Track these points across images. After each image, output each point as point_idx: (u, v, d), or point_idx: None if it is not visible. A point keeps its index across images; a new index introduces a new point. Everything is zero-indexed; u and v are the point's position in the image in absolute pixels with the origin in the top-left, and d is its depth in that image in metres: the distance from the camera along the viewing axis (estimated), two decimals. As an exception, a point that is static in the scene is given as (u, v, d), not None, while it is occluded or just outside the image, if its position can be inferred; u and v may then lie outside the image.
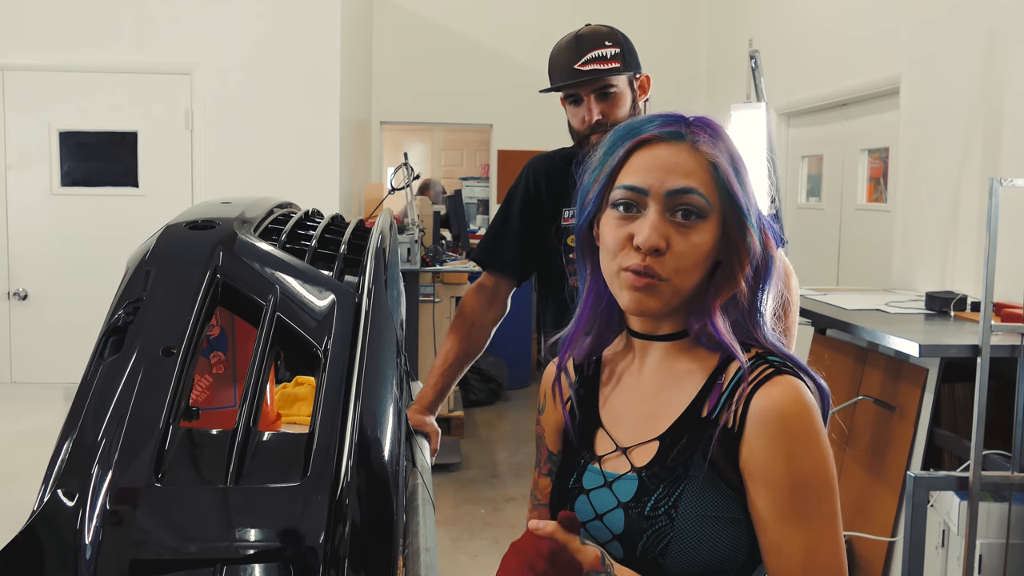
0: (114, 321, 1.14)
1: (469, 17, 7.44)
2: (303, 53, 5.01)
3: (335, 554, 0.94)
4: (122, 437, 0.99)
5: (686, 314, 1.11)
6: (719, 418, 1.06)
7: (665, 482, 1.07)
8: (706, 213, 1.07)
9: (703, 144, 1.08)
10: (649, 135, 1.10)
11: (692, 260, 1.07)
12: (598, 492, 1.12)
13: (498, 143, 7.68)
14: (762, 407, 1.04)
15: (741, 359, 1.06)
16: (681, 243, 1.06)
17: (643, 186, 1.08)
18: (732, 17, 6.83)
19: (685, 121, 1.11)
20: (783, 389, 1.04)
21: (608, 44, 2.08)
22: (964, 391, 3.08)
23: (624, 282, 1.08)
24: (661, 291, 1.07)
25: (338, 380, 1.10)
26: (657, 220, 1.06)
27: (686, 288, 1.08)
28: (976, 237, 3.56)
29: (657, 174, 1.07)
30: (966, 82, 3.68)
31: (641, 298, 1.07)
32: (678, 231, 1.06)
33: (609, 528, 1.09)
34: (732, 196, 1.07)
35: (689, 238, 1.06)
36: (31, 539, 0.94)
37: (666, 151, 1.08)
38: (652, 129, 1.10)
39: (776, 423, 1.03)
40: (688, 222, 1.06)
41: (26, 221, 4.87)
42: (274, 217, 1.56)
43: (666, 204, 1.07)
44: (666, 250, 1.06)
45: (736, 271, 1.09)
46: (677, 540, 1.04)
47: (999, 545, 2.73)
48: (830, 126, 5.20)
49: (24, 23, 4.77)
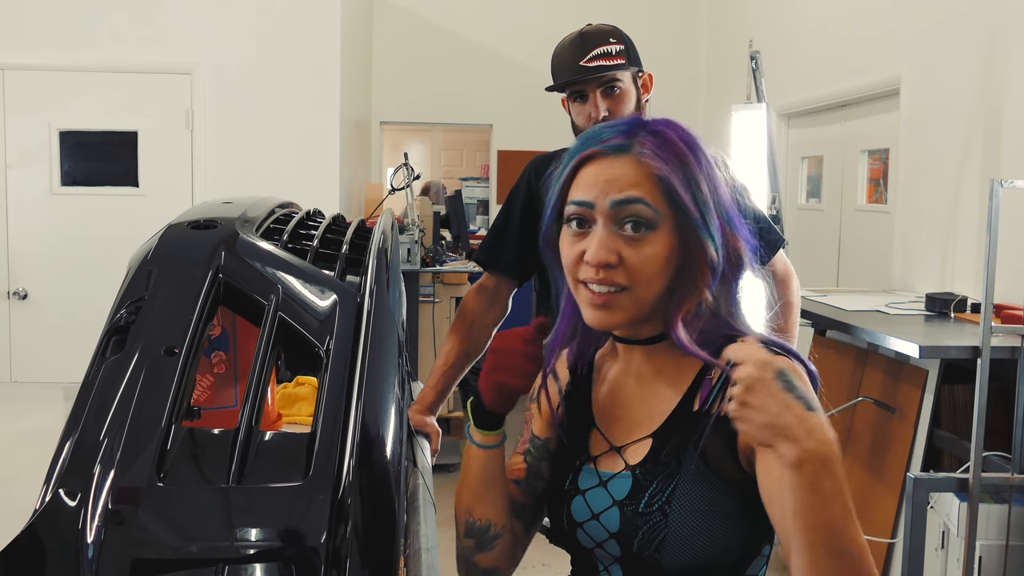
0: (116, 321, 1.14)
1: (469, 17, 7.44)
2: (303, 53, 5.01)
3: (337, 554, 0.94)
4: (124, 437, 0.99)
5: (659, 319, 1.11)
6: (711, 409, 1.06)
7: (659, 478, 1.07)
8: (655, 223, 1.06)
9: (646, 156, 1.07)
10: (592, 151, 1.09)
11: (648, 271, 1.06)
12: (593, 492, 1.12)
13: (498, 143, 7.68)
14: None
15: (716, 363, 1.05)
16: (633, 256, 1.05)
17: (588, 199, 1.07)
18: (732, 18, 6.84)
19: (633, 131, 1.10)
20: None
21: (612, 41, 2.08)
22: (964, 392, 3.08)
23: (584, 298, 1.09)
24: (622, 304, 1.07)
25: (340, 380, 1.10)
26: (605, 235, 1.06)
27: (648, 297, 1.07)
28: (976, 238, 3.56)
29: (601, 187, 1.07)
30: (966, 83, 3.69)
31: (602, 315, 1.08)
32: (629, 244, 1.06)
33: (605, 527, 1.10)
34: (681, 205, 1.06)
35: (641, 250, 1.05)
36: (33, 538, 0.94)
37: (609, 165, 1.08)
38: (595, 144, 1.09)
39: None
40: (638, 234, 1.05)
41: (26, 220, 4.87)
42: (276, 217, 1.56)
43: (612, 216, 1.06)
44: (618, 264, 1.05)
45: (697, 280, 1.08)
46: (672, 535, 1.04)
47: (999, 547, 2.73)
48: (830, 127, 5.21)
49: (25, 23, 4.77)
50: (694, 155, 1.09)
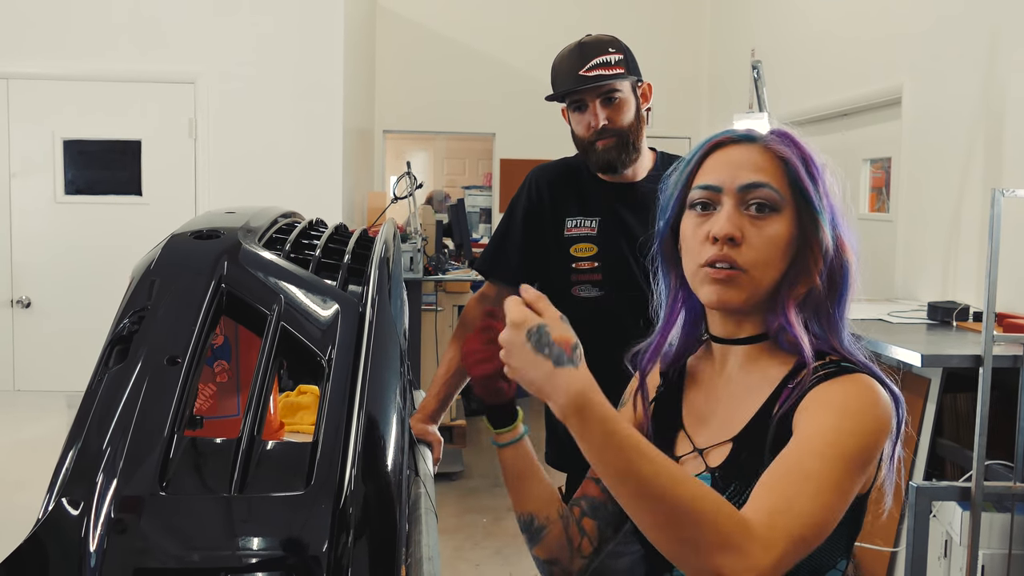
0: (119, 330, 1.14)
1: (472, 27, 7.46)
2: (306, 62, 5.03)
3: (339, 563, 0.94)
4: (127, 446, 1.00)
5: (764, 315, 1.14)
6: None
7: (736, 481, 1.09)
8: (779, 206, 1.10)
9: (774, 143, 1.13)
10: (723, 138, 1.16)
11: (768, 252, 1.10)
12: None
13: (500, 152, 7.69)
14: (824, 387, 1.05)
15: (807, 353, 1.08)
16: (756, 235, 1.10)
17: (716, 183, 1.12)
18: (735, 27, 6.85)
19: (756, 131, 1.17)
20: (846, 379, 1.06)
21: (612, 51, 2.09)
22: (966, 401, 3.07)
23: (704, 277, 1.12)
24: (741, 283, 1.10)
25: (342, 389, 1.11)
26: (732, 212, 1.10)
27: (766, 281, 1.11)
28: (978, 247, 3.56)
29: (730, 171, 1.12)
30: (968, 92, 3.69)
31: (721, 290, 1.11)
32: (752, 223, 1.10)
33: None
34: (803, 191, 1.11)
35: (764, 230, 1.10)
36: (36, 547, 0.94)
37: (738, 151, 1.14)
38: (726, 133, 1.16)
39: (837, 395, 1.04)
40: (762, 215, 1.10)
41: (30, 229, 4.88)
42: (278, 227, 1.56)
43: (739, 199, 1.11)
44: (741, 241, 1.09)
45: (810, 265, 1.11)
46: None
47: (1001, 555, 2.72)
48: (832, 136, 5.21)
49: (28, 32, 4.79)
50: (815, 158, 1.14)
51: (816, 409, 1.04)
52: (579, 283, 2.17)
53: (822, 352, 1.11)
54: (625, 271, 2.12)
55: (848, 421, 1.01)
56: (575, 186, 2.21)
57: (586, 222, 2.18)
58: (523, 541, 1.32)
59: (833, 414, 1.02)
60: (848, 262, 1.14)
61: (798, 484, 0.97)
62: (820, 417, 1.02)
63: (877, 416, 1.03)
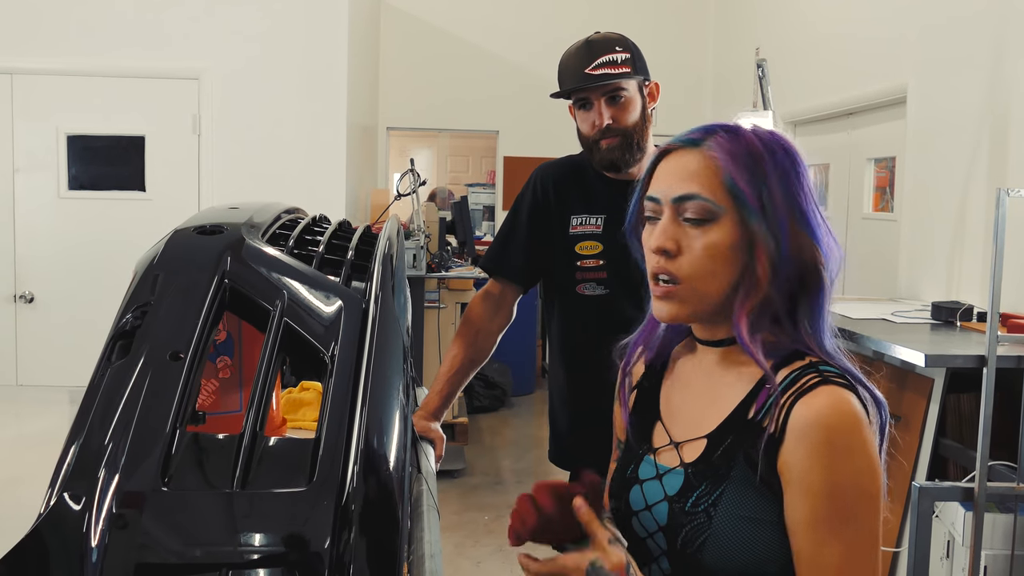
0: (122, 325, 1.14)
1: (476, 24, 7.45)
2: (310, 59, 5.03)
3: (340, 560, 0.94)
4: (129, 441, 1.00)
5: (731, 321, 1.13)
6: (763, 421, 1.07)
7: (708, 480, 1.08)
8: (715, 215, 1.08)
9: (714, 148, 1.10)
10: (669, 145, 1.14)
11: (706, 262, 1.08)
12: (650, 483, 1.15)
13: (504, 149, 7.68)
14: (802, 416, 1.03)
15: (764, 366, 1.07)
16: (692, 245, 1.08)
17: (657, 195, 1.12)
18: (739, 25, 6.84)
19: (713, 129, 1.14)
20: (825, 399, 1.03)
21: (619, 49, 2.08)
22: (970, 402, 3.06)
23: (653, 292, 1.12)
24: (681, 296, 1.09)
25: (345, 386, 1.11)
26: (667, 224, 1.10)
27: (711, 291, 1.09)
28: (983, 247, 3.56)
29: (668, 181, 1.11)
30: (973, 92, 3.68)
31: (663, 306, 1.11)
32: (690, 232, 1.09)
33: (656, 519, 1.12)
34: (741, 199, 1.07)
35: (700, 239, 1.08)
36: (37, 542, 0.94)
37: (677, 159, 1.12)
38: (675, 139, 1.14)
39: (818, 433, 1.02)
40: (699, 224, 1.08)
41: (33, 224, 4.88)
42: (282, 223, 1.56)
43: (676, 210, 1.10)
44: (676, 252, 1.08)
45: (758, 272, 1.08)
46: (715, 538, 1.05)
47: (1004, 556, 2.72)
48: (836, 135, 5.20)
49: (33, 28, 4.79)
50: (771, 155, 1.11)
51: (804, 488, 1.03)
52: (584, 281, 2.17)
53: (799, 352, 1.10)
54: (630, 269, 2.12)
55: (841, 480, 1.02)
56: (580, 184, 2.21)
57: (591, 220, 2.17)
58: None
59: (823, 480, 1.02)
60: (818, 261, 1.10)
61: (830, 565, 1.02)
62: (814, 499, 1.02)
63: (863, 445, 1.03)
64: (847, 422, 1.02)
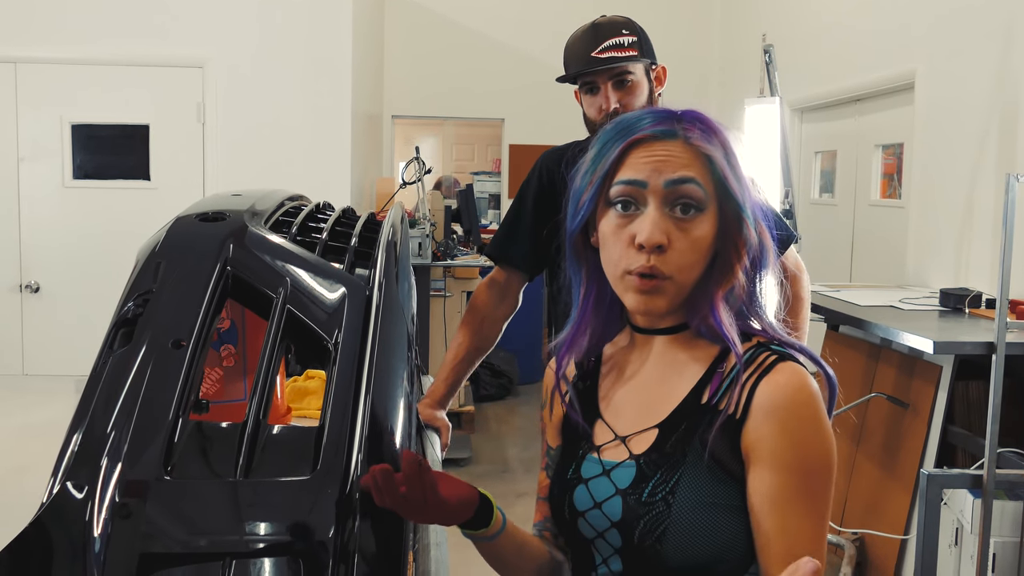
0: (124, 313, 1.13)
1: (480, 11, 7.42)
2: (315, 46, 5.01)
3: (345, 549, 0.94)
4: (131, 430, 0.99)
5: (686, 307, 1.12)
6: (719, 404, 1.07)
7: (663, 468, 1.07)
8: (703, 205, 1.07)
9: (696, 139, 1.09)
10: (642, 134, 1.10)
11: (693, 256, 1.07)
12: (596, 480, 1.12)
13: (510, 137, 7.66)
14: (769, 394, 1.04)
15: (738, 351, 1.07)
16: (681, 239, 1.07)
17: (641, 178, 1.08)
18: (746, 11, 6.80)
19: (676, 117, 1.11)
20: (789, 376, 1.05)
21: (625, 32, 2.06)
22: (978, 389, 3.05)
23: (629, 284, 1.09)
24: (666, 290, 1.08)
25: (349, 374, 1.10)
26: (657, 216, 1.07)
27: (689, 284, 1.09)
28: (991, 233, 3.53)
29: (655, 166, 1.08)
30: (981, 77, 3.65)
31: (646, 300, 1.08)
32: (678, 227, 1.07)
33: (607, 516, 1.09)
34: (727, 188, 1.08)
35: (689, 234, 1.07)
36: (40, 531, 0.94)
37: (661, 147, 1.09)
38: (644, 128, 1.10)
39: (786, 410, 1.03)
40: (687, 216, 1.07)
41: (38, 214, 4.89)
42: (285, 210, 1.55)
43: (665, 197, 1.07)
44: (668, 247, 1.06)
45: (734, 262, 1.09)
46: (674, 526, 1.04)
47: (1013, 543, 2.71)
48: (844, 121, 5.17)
49: (37, 16, 4.78)
50: (732, 143, 1.12)
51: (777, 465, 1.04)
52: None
53: (746, 333, 1.11)
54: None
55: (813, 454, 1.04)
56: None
57: (596, 206, 2.16)
58: (530, 527, 1.30)
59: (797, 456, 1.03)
60: (766, 244, 1.12)
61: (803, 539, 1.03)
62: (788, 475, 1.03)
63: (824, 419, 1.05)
64: (810, 398, 1.04)
